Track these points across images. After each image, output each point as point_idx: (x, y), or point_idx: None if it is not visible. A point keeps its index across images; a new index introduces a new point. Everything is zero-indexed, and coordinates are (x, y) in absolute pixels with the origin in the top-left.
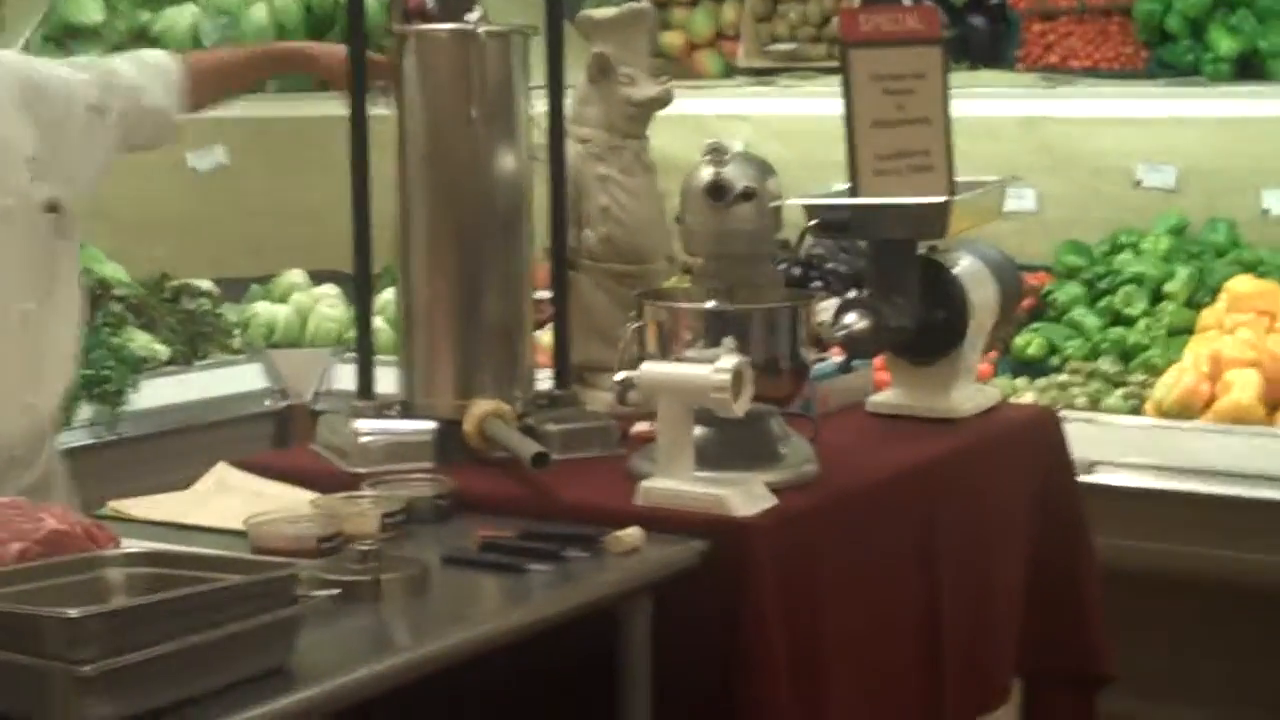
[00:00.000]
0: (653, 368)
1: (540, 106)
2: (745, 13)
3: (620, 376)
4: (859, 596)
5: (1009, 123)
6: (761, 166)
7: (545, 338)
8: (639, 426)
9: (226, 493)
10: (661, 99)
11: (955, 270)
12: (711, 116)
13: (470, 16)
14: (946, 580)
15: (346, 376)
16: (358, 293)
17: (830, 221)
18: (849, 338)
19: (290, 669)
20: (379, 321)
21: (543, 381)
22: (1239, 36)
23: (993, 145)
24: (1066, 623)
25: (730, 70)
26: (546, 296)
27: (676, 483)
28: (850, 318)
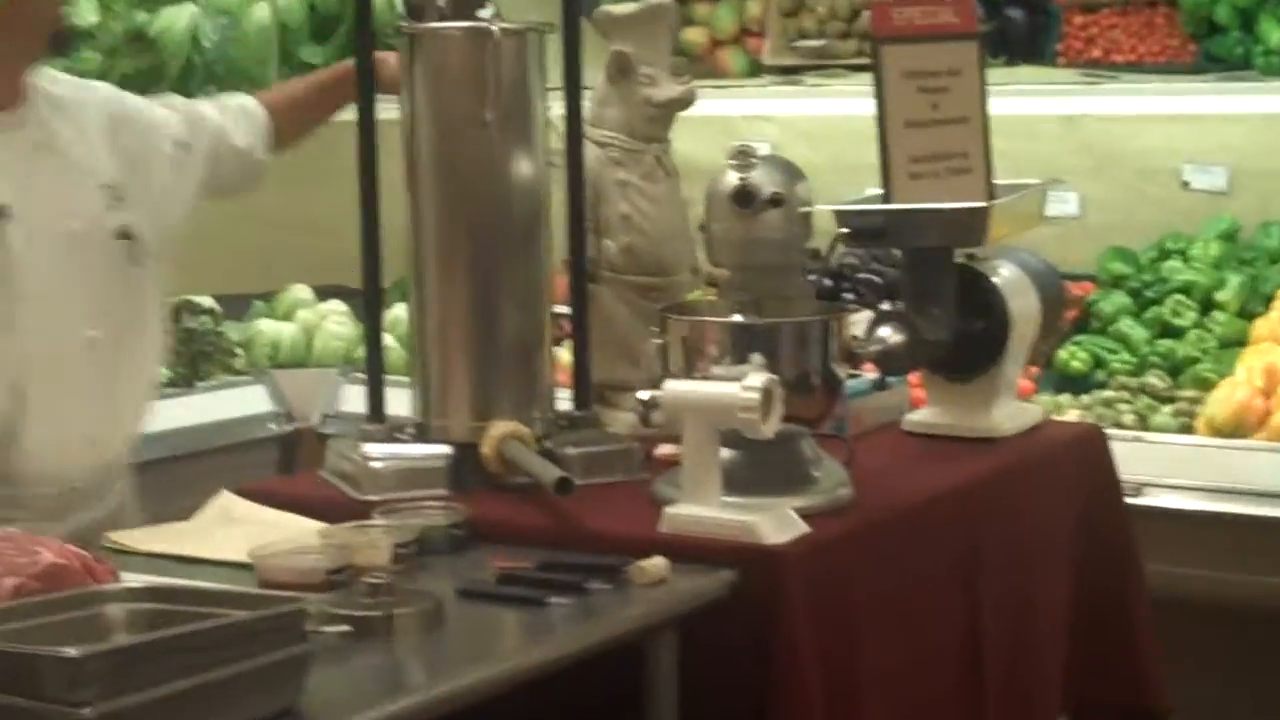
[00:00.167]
0: (677, 386)
1: (557, 108)
2: (771, 7)
3: (643, 396)
4: (896, 627)
5: (1049, 121)
6: (790, 171)
7: (564, 355)
8: (663, 449)
9: (230, 523)
10: (684, 100)
11: (995, 280)
12: (736, 117)
13: (482, 13)
14: (988, 608)
15: (355, 398)
16: (367, 308)
17: (863, 229)
18: (883, 353)
19: (299, 710)
20: (389, 339)
21: (562, 401)
22: None
23: (1032, 145)
24: (1115, 652)
25: (756, 68)
26: (565, 311)
27: (703, 509)
28: (884, 331)
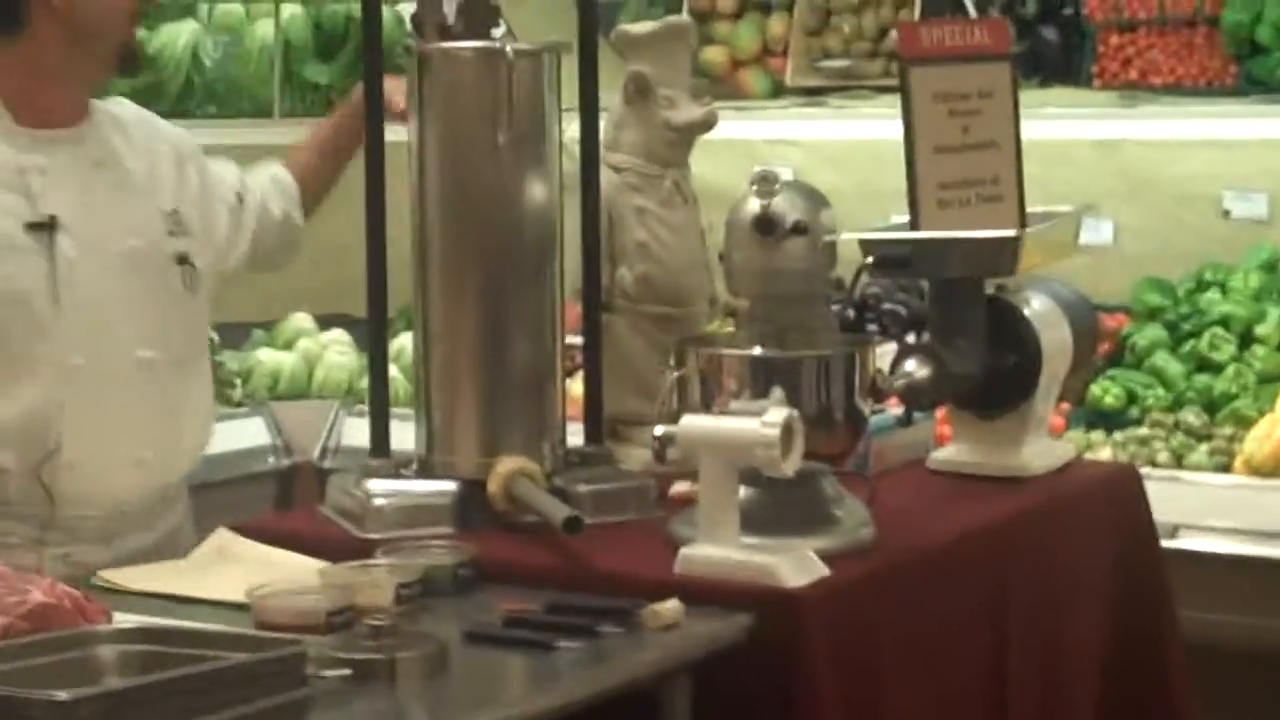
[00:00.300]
0: (694, 422)
1: (572, 131)
2: (794, 26)
3: (658, 431)
4: (921, 670)
5: (1083, 145)
6: (814, 197)
7: (576, 387)
8: (679, 487)
9: (226, 561)
10: (705, 123)
11: (1026, 312)
12: (757, 141)
13: (494, 32)
14: (1015, 649)
15: (358, 431)
16: (372, 338)
17: (889, 258)
18: (909, 387)
19: None
20: (392, 370)
21: (573, 436)
22: None
23: (1065, 170)
24: (1148, 695)
25: (778, 89)
26: (577, 342)
27: (720, 550)
28: (910, 365)
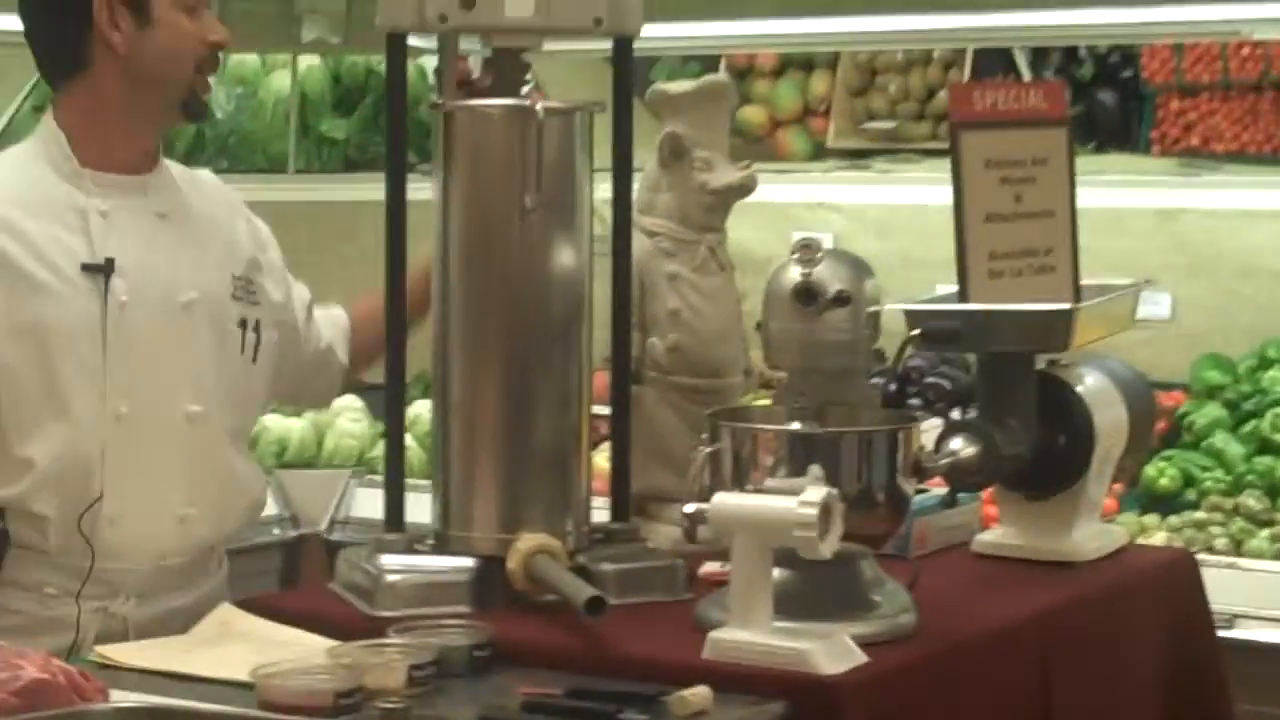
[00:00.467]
0: (727, 499)
1: (603, 192)
2: (837, 85)
3: (689, 509)
4: None
5: (1141, 215)
6: (858, 266)
7: (602, 461)
8: (709, 567)
9: (230, 638)
10: (743, 186)
11: (1079, 389)
12: (797, 204)
13: (524, 88)
14: None
15: (369, 503)
16: (389, 405)
17: (936, 331)
18: (954, 467)
19: None
20: (407, 439)
21: (599, 512)
22: None
23: (1121, 241)
24: None
25: (819, 151)
26: (605, 413)
27: (752, 634)
28: (956, 443)
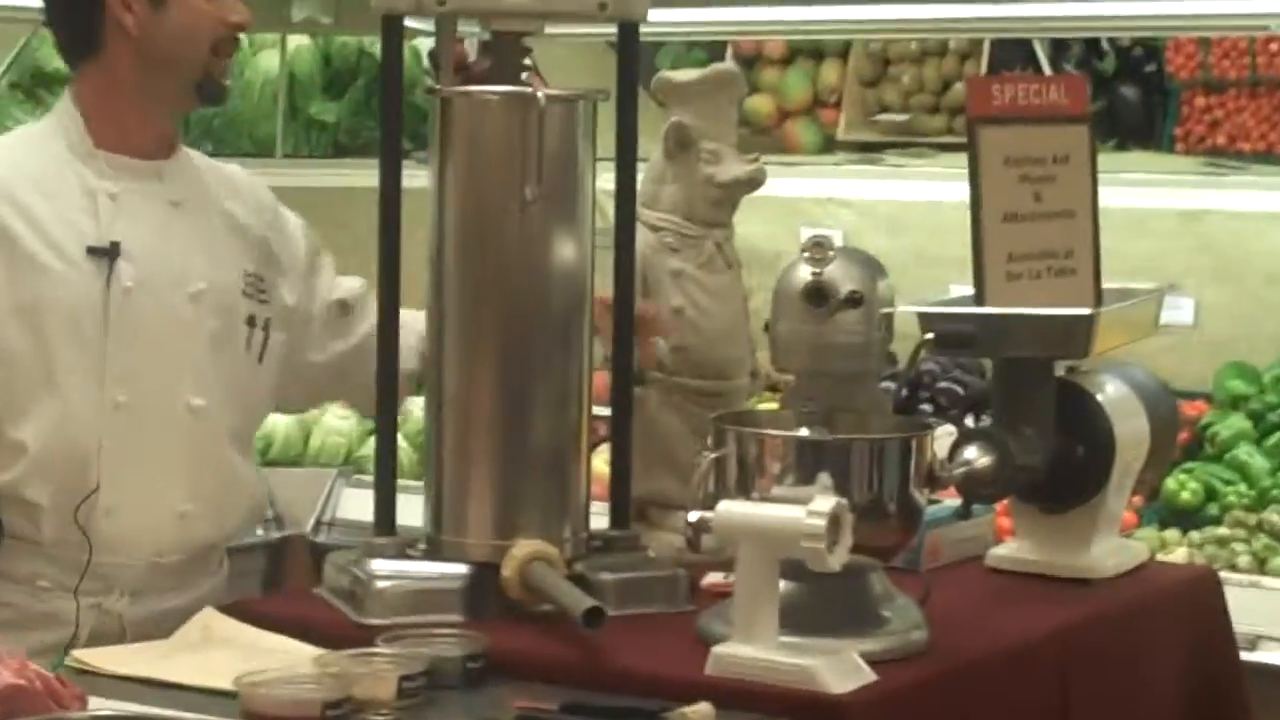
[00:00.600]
0: (732, 508)
1: (605, 183)
2: (849, 75)
3: (693, 517)
4: None
5: (1164, 216)
6: (870, 266)
7: (601, 464)
8: (712, 578)
9: (213, 644)
10: (751, 180)
11: (1099, 398)
12: (806, 199)
13: (523, 72)
14: None
15: (356, 503)
16: (380, 401)
17: (950, 335)
18: (968, 477)
19: None
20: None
21: (598, 518)
22: None
23: (1143, 243)
24: None
25: (829, 144)
26: (605, 414)
27: (756, 650)
28: (970, 453)
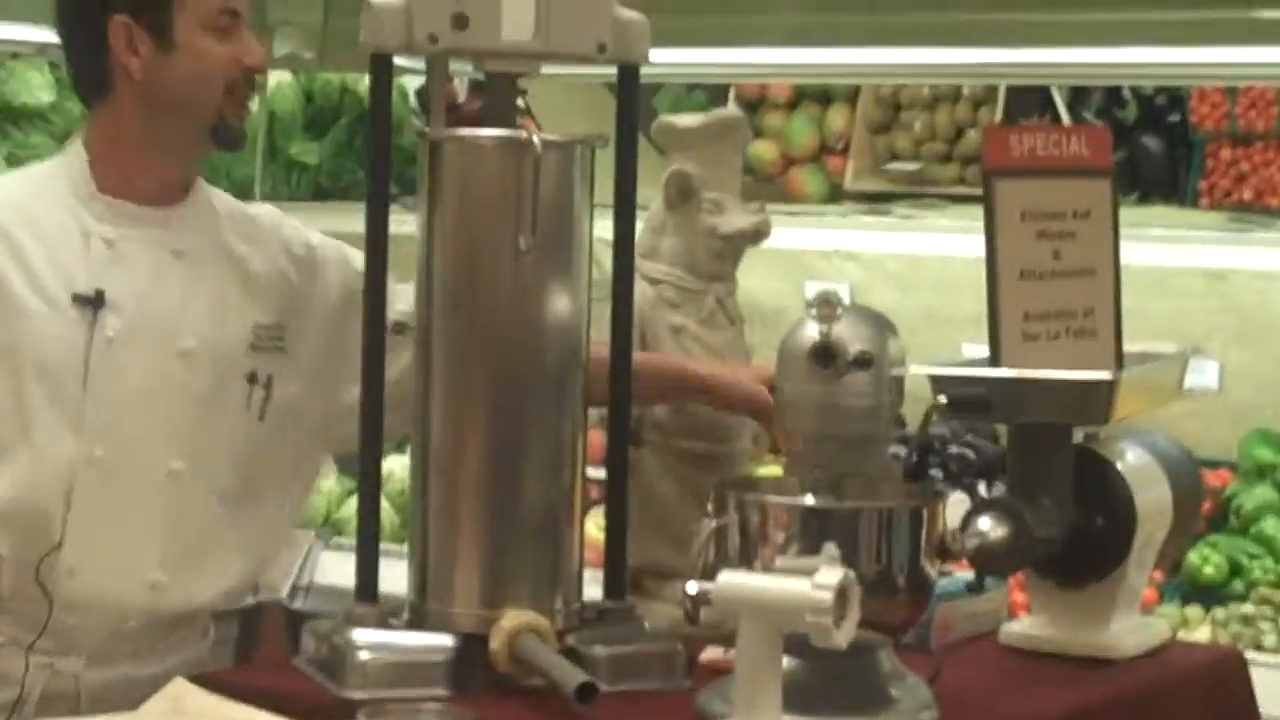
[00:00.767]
0: (733, 579)
1: (602, 231)
2: (857, 121)
3: (691, 588)
4: None
5: (1187, 274)
6: (880, 324)
7: (595, 530)
8: (711, 652)
9: (182, 716)
10: (756, 232)
11: (1119, 466)
12: (810, 252)
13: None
14: None
15: (334, 568)
16: (363, 460)
17: (964, 399)
18: (982, 549)
19: None
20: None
21: (591, 588)
22: None
23: (1165, 302)
24: None
25: (836, 193)
26: (599, 477)
27: None
28: (984, 523)
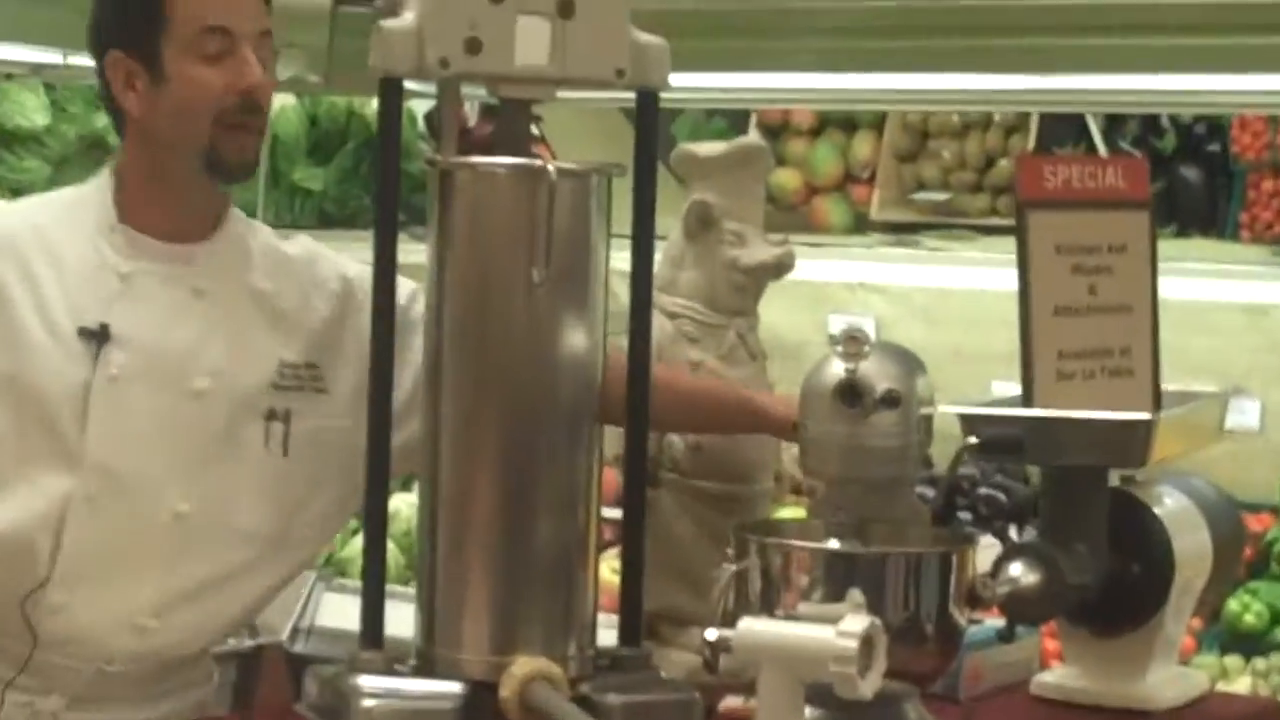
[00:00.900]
0: (754, 626)
1: (619, 263)
2: (883, 149)
3: (710, 635)
4: None
5: (1228, 310)
6: (908, 361)
7: (609, 573)
8: (730, 702)
9: None
10: (779, 265)
11: (1157, 510)
12: (834, 284)
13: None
14: None
15: (336, 610)
16: (369, 499)
17: (996, 440)
18: (1013, 596)
19: None
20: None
21: (605, 633)
22: None
23: (1204, 339)
24: None
25: (861, 223)
26: (614, 515)
27: None
28: (1016, 569)
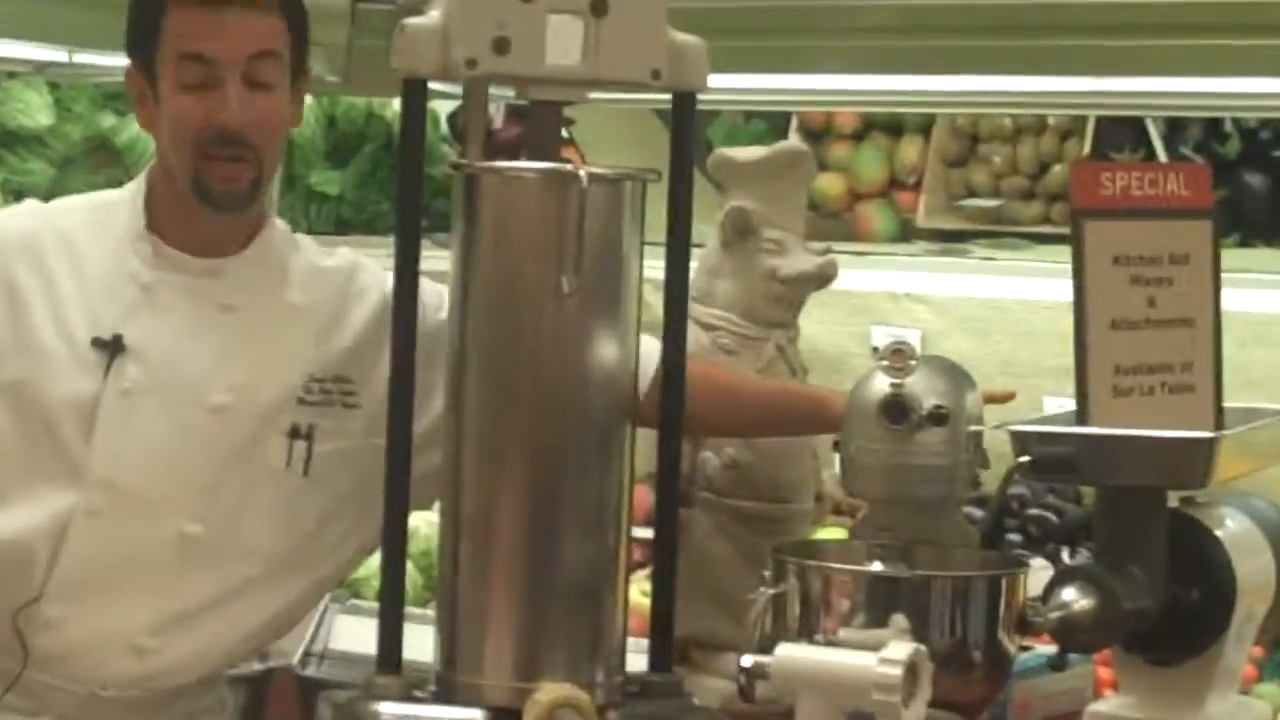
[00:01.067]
0: (792, 652)
1: (653, 272)
2: (930, 154)
3: (746, 661)
4: None
5: None
6: (957, 376)
7: (639, 596)
8: None
9: None
10: (821, 275)
11: (1219, 533)
12: (878, 294)
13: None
14: None
15: (351, 633)
16: (388, 518)
17: (1049, 459)
18: (1065, 622)
19: None
20: None
21: (635, 658)
22: None
23: (1267, 354)
24: None
25: (907, 231)
26: (647, 536)
27: None
28: (1068, 593)
